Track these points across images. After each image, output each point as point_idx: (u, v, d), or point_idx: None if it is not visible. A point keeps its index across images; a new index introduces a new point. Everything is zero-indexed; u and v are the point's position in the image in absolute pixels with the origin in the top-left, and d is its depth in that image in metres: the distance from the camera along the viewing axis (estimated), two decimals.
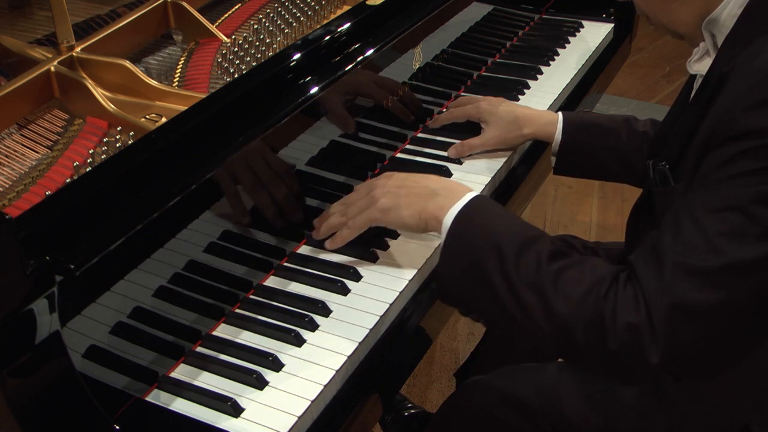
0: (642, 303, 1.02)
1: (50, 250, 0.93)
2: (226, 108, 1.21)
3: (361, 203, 1.27)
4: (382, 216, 1.24)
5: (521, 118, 1.55)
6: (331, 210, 1.32)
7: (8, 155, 1.21)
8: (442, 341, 2.45)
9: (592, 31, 2.06)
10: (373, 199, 1.25)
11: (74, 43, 1.35)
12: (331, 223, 1.29)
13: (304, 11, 1.60)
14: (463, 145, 1.55)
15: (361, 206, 1.26)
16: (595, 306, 1.04)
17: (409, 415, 2.01)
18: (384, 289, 1.23)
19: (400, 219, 1.23)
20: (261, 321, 1.18)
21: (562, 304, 1.05)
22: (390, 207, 1.23)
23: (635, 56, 4.09)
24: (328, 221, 1.30)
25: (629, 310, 1.02)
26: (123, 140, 1.23)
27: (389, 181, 1.26)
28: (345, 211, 1.28)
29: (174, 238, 1.11)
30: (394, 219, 1.24)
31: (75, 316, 0.99)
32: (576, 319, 1.05)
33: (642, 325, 1.01)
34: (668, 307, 1.00)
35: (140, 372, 1.08)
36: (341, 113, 1.42)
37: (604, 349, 1.03)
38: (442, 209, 1.18)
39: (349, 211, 1.28)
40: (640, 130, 1.52)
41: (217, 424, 1.03)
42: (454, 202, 1.18)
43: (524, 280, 1.08)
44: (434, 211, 1.19)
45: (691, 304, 0.99)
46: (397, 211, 1.23)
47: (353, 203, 1.28)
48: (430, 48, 1.65)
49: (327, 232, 1.30)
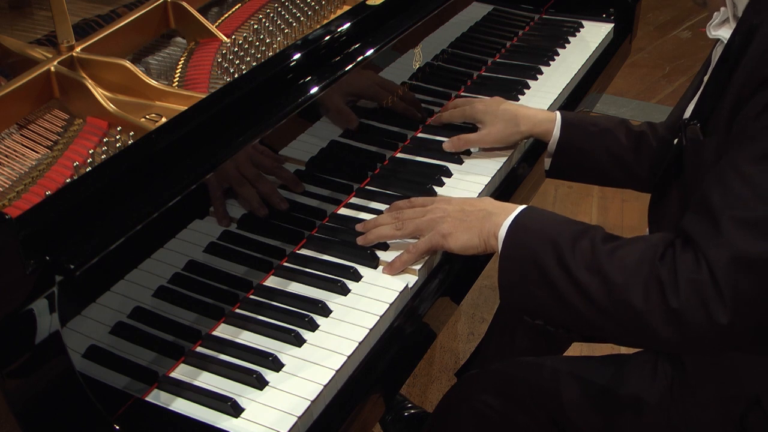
0: (703, 262, 1.01)
1: (50, 250, 0.93)
2: (226, 108, 1.21)
3: (418, 222, 1.28)
4: (444, 242, 1.26)
5: (518, 116, 1.55)
6: (381, 220, 1.32)
7: (8, 155, 1.21)
8: (442, 341, 2.45)
9: (592, 31, 2.06)
10: (434, 224, 1.27)
11: (74, 43, 1.35)
12: (381, 233, 1.30)
13: (304, 11, 1.60)
14: (460, 139, 1.54)
15: (418, 225, 1.28)
16: (651, 269, 1.04)
17: (409, 415, 2.01)
18: (384, 289, 1.23)
19: (461, 243, 1.25)
20: (261, 321, 1.18)
21: (618, 274, 1.06)
22: (451, 232, 1.25)
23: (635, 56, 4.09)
24: (379, 231, 1.30)
25: (690, 269, 1.02)
26: (123, 140, 1.23)
27: (449, 206, 1.28)
28: (400, 225, 1.29)
29: (174, 238, 1.11)
30: (455, 243, 1.25)
31: (75, 316, 0.99)
32: (634, 284, 1.05)
33: (705, 282, 1.00)
34: (729, 261, 1.00)
35: (140, 372, 1.08)
36: (341, 113, 1.42)
37: (668, 309, 1.02)
38: (497, 225, 1.21)
39: (406, 226, 1.29)
40: (637, 130, 1.52)
41: (217, 424, 1.03)
42: (508, 215, 1.21)
43: (581, 265, 1.09)
44: (491, 228, 1.22)
45: (752, 255, 0.99)
46: (458, 235, 1.25)
47: (409, 218, 1.29)
48: (430, 48, 1.65)
49: (376, 241, 1.30)
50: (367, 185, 1.48)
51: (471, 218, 1.25)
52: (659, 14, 4.67)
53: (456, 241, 1.25)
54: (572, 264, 1.10)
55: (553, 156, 1.55)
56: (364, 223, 1.34)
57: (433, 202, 1.31)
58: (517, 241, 1.18)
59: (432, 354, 2.40)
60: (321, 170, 1.39)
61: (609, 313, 1.07)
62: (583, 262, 1.10)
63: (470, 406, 1.40)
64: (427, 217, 1.28)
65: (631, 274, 1.06)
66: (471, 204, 1.27)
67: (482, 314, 2.55)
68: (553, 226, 1.17)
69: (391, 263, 1.27)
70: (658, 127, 1.51)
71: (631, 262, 1.07)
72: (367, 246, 1.30)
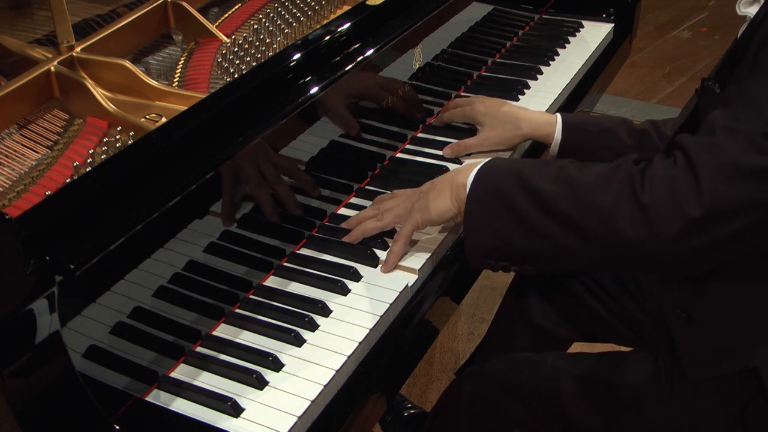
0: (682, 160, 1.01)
1: (50, 250, 0.93)
2: (226, 108, 1.21)
3: (397, 210, 1.30)
4: (421, 216, 1.27)
5: (519, 118, 1.54)
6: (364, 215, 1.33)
7: (8, 155, 1.21)
8: (442, 341, 2.45)
9: (592, 31, 2.06)
10: (409, 202, 1.29)
11: (74, 43, 1.35)
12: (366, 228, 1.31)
13: (304, 11, 1.60)
14: (459, 145, 1.55)
15: (397, 213, 1.29)
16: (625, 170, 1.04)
17: (408, 415, 2.01)
18: (384, 289, 1.23)
19: (436, 209, 1.25)
20: (261, 321, 1.18)
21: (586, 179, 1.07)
22: (426, 205, 1.26)
23: (635, 56, 4.09)
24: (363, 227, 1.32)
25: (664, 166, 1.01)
26: (123, 140, 1.23)
27: (423, 186, 1.30)
28: (381, 217, 1.31)
29: (174, 238, 1.11)
30: (431, 213, 1.26)
31: (75, 316, 0.99)
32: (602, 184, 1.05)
33: (680, 175, 1.00)
34: (718, 165, 0.99)
35: (140, 372, 1.08)
36: (341, 113, 1.42)
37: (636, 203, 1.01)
38: (465, 177, 1.21)
39: (386, 216, 1.30)
40: (639, 128, 1.52)
41: (217, 424, 1.03)
42: (474, 168, 1.21)
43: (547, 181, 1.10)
44: (460, 181, 1.22)
45: (742, 165, 0.98)
46: (432, 204, 1.26)
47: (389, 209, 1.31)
48: (430, 48, 1.65)
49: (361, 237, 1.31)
50: (367, 185, 1.48)
51: (441, 184, 1.26)
52: (659, 14, 4.67)
53: (431, 210, 1.26)
54: (536, 182, 1.11)
55: (556, 158, 1.55)
56: (347, 221, 1.34)
57: (414, 191, 1.32)
58: (482, 182, 1.18)
59: (432, 354, 2.40)
60: (321, 170, 1.39)
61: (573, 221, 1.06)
62: (549, 178, 1.10)
63: (469, 401, 1.40)
64: (404, 204, 1.29)
65: (600, 176, 1.06)
66: (442, 177, 1.29)
67: (482, 314, 2.55)
68: (520, 162, 1.19)
69: (385, 261, 1.28)
70: (660, 125, 1.50)
71: (602, 169, 1.07)
72: (364, 245, 1.30)
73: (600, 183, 1.07)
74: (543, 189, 1.10)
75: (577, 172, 1.10)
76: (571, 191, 1.07)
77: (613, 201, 1.04)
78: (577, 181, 1.09)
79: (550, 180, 1.11)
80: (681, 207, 1.00)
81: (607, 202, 1.04)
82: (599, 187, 1.06)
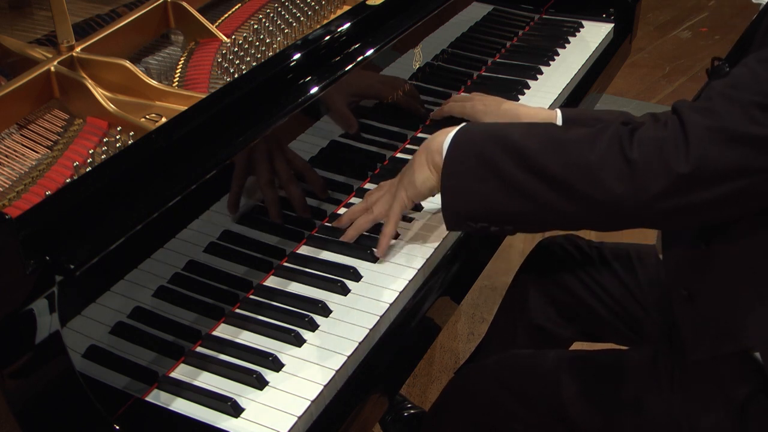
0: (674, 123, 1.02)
1: (50, 250, 0.93)
2: (226, 108, 1.21)
3: (385, 198, 1.30)
4: (405, 193, 1.26)
5: (520, 115, 1.54)
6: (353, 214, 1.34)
7: (8, 155, 1.21)
8: (442, 341, 2.45)
9: (592, 31, 2.06)
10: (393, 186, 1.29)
11: (74, 43, 1.35)
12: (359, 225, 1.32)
13: (304, 11, 1.60)
14: None
15: (385, 199, 1.30)
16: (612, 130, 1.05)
17: (408, 415, 2.01)
18: (384, 289, 1.23)
19: (417, 182, 1.25)
20: (261, 321, 1.18)
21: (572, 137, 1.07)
22: (408, 182, 1.26)
23: (635, 56, 4.09)
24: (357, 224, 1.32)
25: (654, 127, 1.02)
26: (123, 140, 1.23)
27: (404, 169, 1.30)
28: (371, 211, 1.31)
29: (174, 238, 1.11)
30: (413, 187, 1.26)
31: (75, 316, 0.99)
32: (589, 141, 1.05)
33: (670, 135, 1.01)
34: (708, 127, 1.00)
35: (140, 372, 1.08)
36: (341, 113, 1.42)
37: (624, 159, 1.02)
38: (440, 143, 1.20)
39: (375, 208, 1.30)
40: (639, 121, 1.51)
41: (217, 424, 1.03)
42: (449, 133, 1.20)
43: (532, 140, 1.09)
44: (435, 147, 1.22)
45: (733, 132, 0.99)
46: (412, 178, 1.26)
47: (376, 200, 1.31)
48: (430, 48, 1.65)
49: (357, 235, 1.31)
50: (367, 185, 1.48)
51: (417, 156, 1.26)
52: (659, 14, 4.67)
53: (412, 184, 1.26)
54: (519, 142, 1.10)
55: None
56: (338, 219, 1.35)
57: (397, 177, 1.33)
58: (460, 145, 1.17)
59: (432, 354, 2.41)
60: (321, 170, 1.39)
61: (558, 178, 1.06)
62: (532, 137, 1.10)
63: (469, 396, 1.40)
64: (390, 191, 1.30)
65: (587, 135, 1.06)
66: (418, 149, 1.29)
67: (482, 314, 2.55)
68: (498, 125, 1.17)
69: (378, 244, 1.28)
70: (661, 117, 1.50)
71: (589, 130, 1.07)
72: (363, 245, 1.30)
73: (587, 141, 1.06)
74: (527, 148, 1.09)
75: (563, 132, 1.10)
76: (556, 149, 1.07)
77: (601, 158, 1.04)
78: (563, 139, 1.08)
79: (532, 138, 1.10)
80: (668, 164, 1.00)
81: (594, 159, 1.04)
82: (586, 145, 1.06)
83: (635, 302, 1.50)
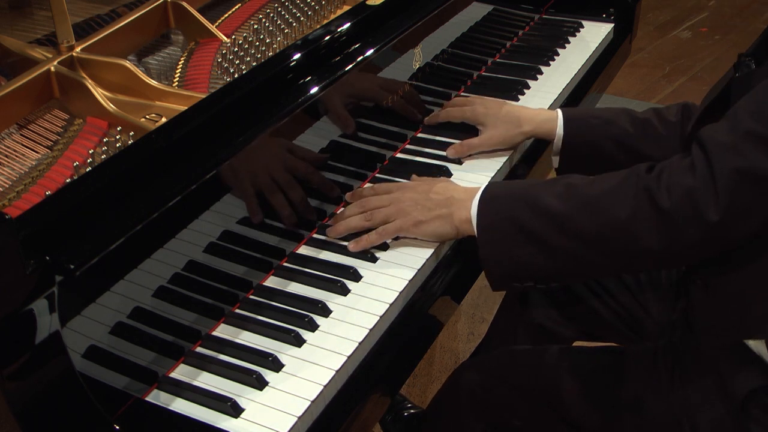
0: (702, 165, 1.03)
1: (50, 250, 0.93)
2: (226, 108, 1.21)
3: (387, 212, 1.29)
4: (416, 229, 1.28)
5: (521, 117, 1.54)
6: (348, 212, 1.33)
7: (8, 155, 1.21)
8: (442, 341, 2.45)
9: (592, 31, 2.06)
10: (404, 212, 1.29)
11: (74, 43, 1.35)
12: (350, 225, 1.31)
13: (304, 11, 1.60)
14: (462, 145, 1.54)
15: (388, 214, 1.29)
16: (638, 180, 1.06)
17: (408, 415, 2.01)
18: (384, 289, 1.23)
19: (432, 231, 1.28)
20: (261, 321, 1.18)
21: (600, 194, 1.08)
22: (422, 221, 1.28)
23: (635, 56, 4.09)
24: (348, 222, 1.31)
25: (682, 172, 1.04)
26: (123, 140, 1.23)
27: (415, 194, 1.30)
28: (369, 217, 1.30)
29: (174, 238, 1.11)
30: (426, 231, 1.28)
31: (75, 316, 0.99)
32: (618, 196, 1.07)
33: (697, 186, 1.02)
34: (735, 170, 1.01)
35: (140, 372, 1.08)
36: (341, 113, 1.42)
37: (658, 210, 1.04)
38: (467, 209, 1.23)
39: (375, 216, 1.30)
40: (641, 117, 1.51)
41: (217, 424, 1.03)
42: (473, 196, 1.23)
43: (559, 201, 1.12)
44: (462, 213, 1.24)
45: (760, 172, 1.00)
46: (430, 223, 1.28)
47: (376, 208, 1.30)
48: (430, 48, 1.65)
49: (345, 233, 1.31)
50: (366, 185, 1.48)
51: (440, 207, 1.28)
52: (659, 14, 4.67)
53: (427, 229, 1.27)
54: (547, 203, 1.12)
55: (561, 154, 1.54)
56: (333, 228, 1.34)
57: (397, 188, 1.33)
58: (489, 211, 1.20)
59: (432, 354, 2.41)
60: (321, 170, 1.39)
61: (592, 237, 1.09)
62: (559, 197, 1.12)
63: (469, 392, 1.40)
64: (394, 207, 1.30)
65: (612, 188, 1.08)
66: (436, 191, 1.30)
67: (482, 314, 2.55)
68: (520, 185, 1.20)
69: (357, 240, 1.29)
70: (664, 112, 1.50)
71: (612, 180, 1.09)
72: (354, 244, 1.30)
73: (613, 195, 1.08)
74: (556, 209, 1.12)
75: (586, 187, 1.12)
76: (585, 207, 1.09)
77: (631, 212, 1.06)
78: (591, 197, 1.10)
79: (561, 199, 1.13)
80: (699, 212, 1.02)
81: (625, 214, 1.06)
82: (613, 200, 1.08)
83: (636, 302, 1.50)
